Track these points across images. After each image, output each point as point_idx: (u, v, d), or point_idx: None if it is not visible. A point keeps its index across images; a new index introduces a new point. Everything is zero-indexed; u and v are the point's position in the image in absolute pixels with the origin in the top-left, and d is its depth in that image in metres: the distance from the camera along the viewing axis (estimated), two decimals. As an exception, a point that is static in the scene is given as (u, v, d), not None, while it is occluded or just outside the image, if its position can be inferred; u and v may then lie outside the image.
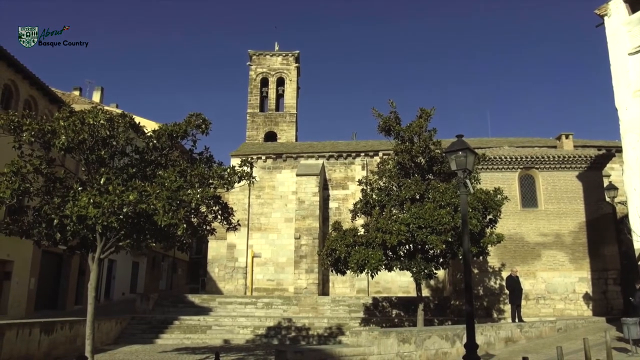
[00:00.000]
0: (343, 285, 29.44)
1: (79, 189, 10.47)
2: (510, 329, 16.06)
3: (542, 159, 22.69)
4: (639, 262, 15.82)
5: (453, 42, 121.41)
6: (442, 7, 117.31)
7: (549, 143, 29.58)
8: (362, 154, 31.58)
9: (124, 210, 9.79)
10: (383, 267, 15.91)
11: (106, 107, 24.80)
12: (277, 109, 40.10)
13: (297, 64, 40.50)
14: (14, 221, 11.21)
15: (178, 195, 10.24)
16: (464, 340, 9.83)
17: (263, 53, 40.46)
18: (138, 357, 15.77)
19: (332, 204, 31.07)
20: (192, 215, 12.13)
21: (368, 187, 17.63)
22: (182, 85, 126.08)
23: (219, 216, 12.75)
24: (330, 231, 18.55)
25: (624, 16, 16.55)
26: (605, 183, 22.94)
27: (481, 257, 19.29)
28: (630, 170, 15.98)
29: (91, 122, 10.61)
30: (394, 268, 16.38)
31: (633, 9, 16.44)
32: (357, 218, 17.92)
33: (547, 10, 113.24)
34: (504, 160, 22.69)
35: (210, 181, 11.52)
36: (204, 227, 12.96)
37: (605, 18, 17.07)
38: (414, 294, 19.88)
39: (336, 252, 16.12)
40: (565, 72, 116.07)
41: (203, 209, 12.37)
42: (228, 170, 11.88)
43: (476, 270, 21.63)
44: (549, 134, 52.94)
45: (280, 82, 40.19)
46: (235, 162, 26.36)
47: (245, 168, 11.85)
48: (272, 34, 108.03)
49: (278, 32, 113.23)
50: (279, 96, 40.52)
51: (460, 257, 15.31)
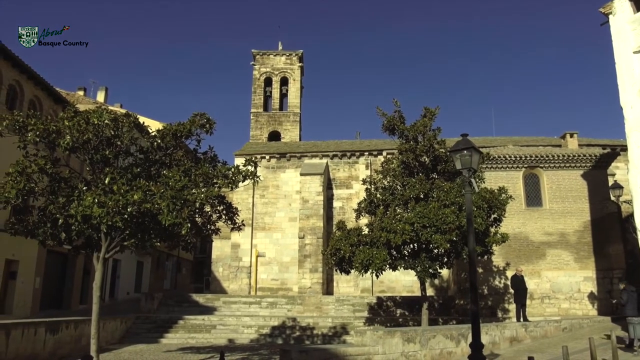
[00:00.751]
0: (347, 284, 29.45)
1: (84, 188, 10.51)
2: (515, 328, 16.01)
3: (546, 158, 22.62)
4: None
5: (457, 42, 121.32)
6: (446, 7, 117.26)
7: (553, 142, 29.53)
8: (366, 153, 31.57)
9: (129, 209, 9.80)
10: (387, 266, 15.87)
11: (110, 107, 24.80)
12: (281, 108, 40.19)
13: (300, 64, 40.54)
14: (19, 221, 11.23)
15: (182, 195, 10.25)
16: (469, 340, 9.80)
17: (267, 53, 40.54)
18: (143, 357, 15.79)
19: (336, 204, 31.09)
20: (197, 215, 12.16)
21: (372, 186, 17.63)
22: (185, 85, 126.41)
23: (223, 216, 12.77)
24: (334, 230, 18.54)
25: (629, 14, 16.48)
26: (610, 182, 22.89)
27: (486, 257, 19.24)
28: (635, 168, 15.91)
29: (96, 122, 10.63)
30: (399, 267, 16.34)
31: (638, 7, 16.37)
32: (361, 217, 17.92)
33: (551, 8, 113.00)
34: (509, 159, 22.63)
35: (215, 181, 11.49)
36: (209, 226, 13.01)
37: (610, 16, 17.00)
38: (418, 293, 19.88)
39: (340, 251, 16.13)
40: (570, 71, 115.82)
41: (207, 208, 12.38)
42: (232, 169, 11.84)
43: (481, 270, 21.58)
44: (553, 133, 52.97)
45: (284, 82, 40.24)
46: (239, 161, 26.24)
47: (249, 167, 11.83)
48: (275, 34, 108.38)
49: (281, 31, 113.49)
50: (283, 96, 40.59)
51: (465, 257, 15.28)
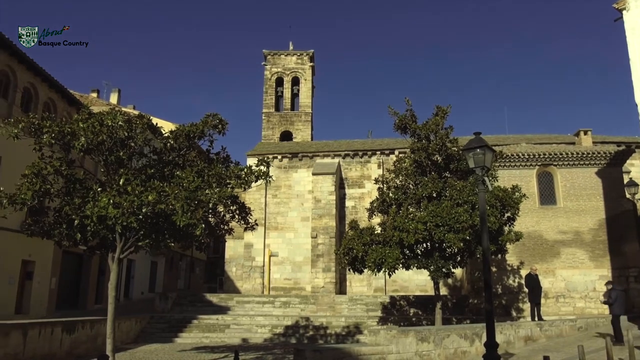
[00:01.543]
0: (360, 284, 29.41)
1: (99, 189, 10.62)
2: (530, 327, 15.89)
3: (560, 156, 22.42)
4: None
5: (470, 39, 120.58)
6: (458, 3, 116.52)
7: (567, 139, 29.21)
8: (378, 152, 31.49)
9: (143, 210, 9.89)
10: (400, 265, 15.86)
11: (124, 109, 25.10)
12: (293, 108, 40.21)
13: (311, 63, 40.54)
14: (36, 222, 11.40)
15: (196, 196, 10.32)
16: (483, 339, 9.75)
17: (278, 53, 40.61)
18: (158, 356, 15.92)
19: (349, 203, 31.05)
20: (210, 215, 12.22)
21: (384, 185, 17.59)
22: (198, 86, 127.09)
23: (236, 216, 12.85)
24: (347, 230, 18.55)
25: (644, 10, 16.26)
26: (626, 179, 22.61)
27: (499, 255, 19.12)
28: (651, 166, 15.71)
29: (110, 124, 10.74)
30: (411, 267, 16.33)
31: (653, 3, 16.16)
32: (373, 217, 17.89)
33: (564, 4, 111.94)
34: (522, 157, 22.47)
35: (228, 181, 11.56)
36: (222, 226, 13.07)
37: (624, 12, 16.78)
38: (431, 292, 19.79)
39: (353, 250, 16.11)
40: (584, 68, 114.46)
41: (221, 208, 12.45)
42: (245, 170, 11.90)
43: (495, 269, 21.45)
44: (567, 130, 52.56)
45: (295, 82, 40.29)
46: (251, 161, 26.53)
47: (262, 167, 11.86)
48: (286, 34, 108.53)
49: (292, 31, 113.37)
50: (294, 95, 40.63)
51: (478, 256, 15.19)
